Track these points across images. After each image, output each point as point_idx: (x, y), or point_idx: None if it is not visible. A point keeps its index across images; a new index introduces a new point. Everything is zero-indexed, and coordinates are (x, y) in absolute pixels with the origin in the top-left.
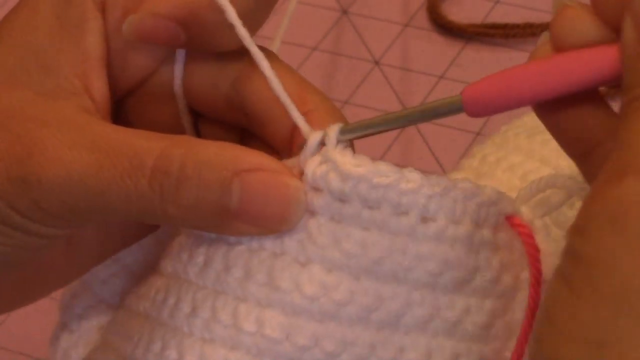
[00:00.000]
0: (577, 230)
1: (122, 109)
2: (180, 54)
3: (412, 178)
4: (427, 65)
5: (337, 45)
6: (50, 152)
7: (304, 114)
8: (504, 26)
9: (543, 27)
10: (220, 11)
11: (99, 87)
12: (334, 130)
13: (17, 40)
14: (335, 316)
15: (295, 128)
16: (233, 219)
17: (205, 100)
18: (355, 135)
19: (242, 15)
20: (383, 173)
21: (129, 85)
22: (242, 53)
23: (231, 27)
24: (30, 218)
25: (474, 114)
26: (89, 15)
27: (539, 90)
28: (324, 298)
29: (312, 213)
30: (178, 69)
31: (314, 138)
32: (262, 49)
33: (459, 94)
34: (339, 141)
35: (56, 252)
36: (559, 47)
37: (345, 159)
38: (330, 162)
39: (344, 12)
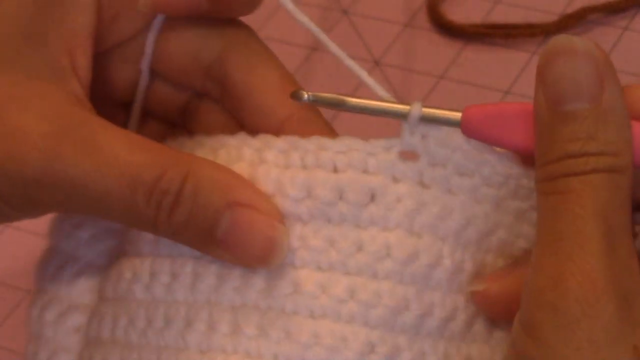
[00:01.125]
0: (527, 333)
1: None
2: (158, 22)
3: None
4: (427, 65)
5: (337, 45)
6: (51, 153)
7: (289, 115)
8: (504, 26)
9: (543, 27)
10: None
11: (85, 64)
12: (416, 109)
13: (3, 15)
14: (426, 278)
15: (287, 119)
16: (216, 246)
17: (180, 68)
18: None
19: None
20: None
21: (108, 46)
22: (227, 26)
23: None
24: (13, 206)
25: (468, 134)
26: None
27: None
28: (416, 263)
29: (395, 179)
30: (152, 36)
31: (415, 110)
32: (243, 26)
33: (460, 112)
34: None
35: None
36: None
37: (443, 131)
38: (431, 132)
39: (344, 12)
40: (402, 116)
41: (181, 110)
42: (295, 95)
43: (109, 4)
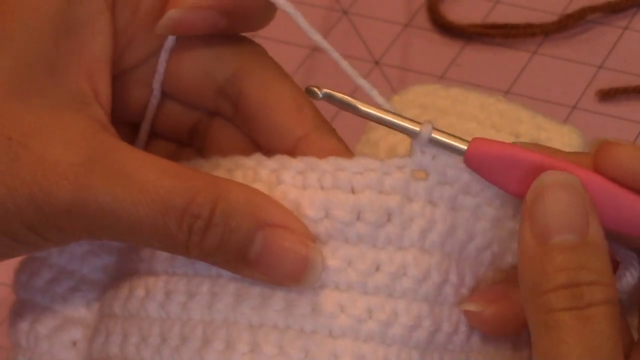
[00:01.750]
0: None
1: None
2: (170, 42)
3: None
4: (427, 65)
5: (337, 45)
6: (81, 183)
7: (305, 135)
8: (504, 26)
9: (543, 27)
10: None
11: (105, 89)
12: (427, 130)
13: (21, 45)
14: (437, 295)
15: (303, 139)
16: (249, 267)
17: (193, 86)
18: None
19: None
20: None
21: (122, 70)
22: (240, 44)
23: (268, 6)
24: (44, 237)
25: (469, 166)
26: (99, 15)
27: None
28: (429, 281)
29: (409, 198)
30: (164, 55)
31: (425, 131)
32: (255, 45)
33: (467, 141)
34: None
35: None
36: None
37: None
38: (442, 156)
39: (344, 12)
40: (412, 134)
41: (191, 129)
42: (310, 92)
43: (124, 29)
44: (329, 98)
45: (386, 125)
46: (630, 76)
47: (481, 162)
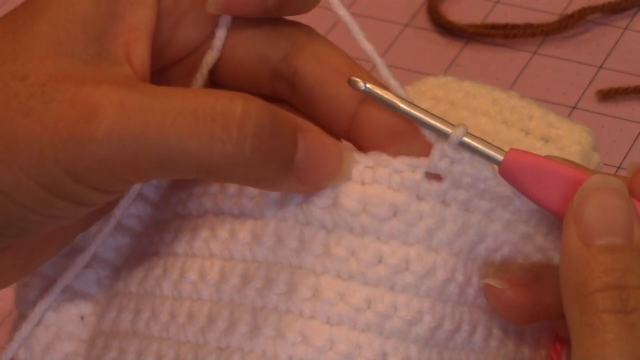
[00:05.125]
0: None
1: (156, 79)
2: (226, 20)
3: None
4: (427, 65)
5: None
6: (117, 106)
7: (363, 99)
8: (504, 26)
9: (543, 27)
10: None
11: (141, 56)
12: (459, 132)
13: (62, 13)
14: (440, 292)
15: (356, 113)
16: (291, 175)
17: (249, 72)
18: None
19: None
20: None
21: (173, 58)
22: (288, 25)
23: None
24: (87, 183)
25: (504, 176)
26: None
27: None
28: (433, 278)
29: (419, 197)
30: (220, 34)
31: (456, 134)
32: (302, 24)
33: (504, 152)
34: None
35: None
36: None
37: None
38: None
39: None
40: (443, 135)
41: None
42: (352, 83)
43: (172, 5)
44: (369, 93)
45: (419, 124)
46: (630, 76)
47: (517, 173)
